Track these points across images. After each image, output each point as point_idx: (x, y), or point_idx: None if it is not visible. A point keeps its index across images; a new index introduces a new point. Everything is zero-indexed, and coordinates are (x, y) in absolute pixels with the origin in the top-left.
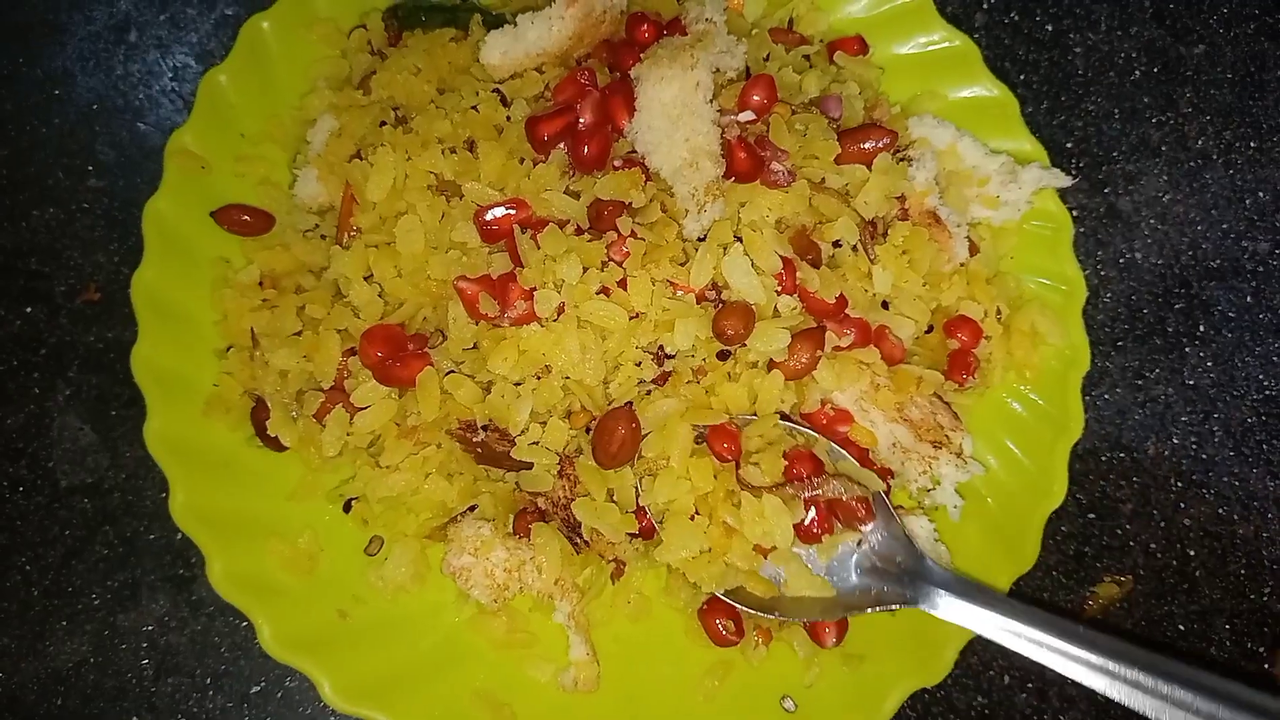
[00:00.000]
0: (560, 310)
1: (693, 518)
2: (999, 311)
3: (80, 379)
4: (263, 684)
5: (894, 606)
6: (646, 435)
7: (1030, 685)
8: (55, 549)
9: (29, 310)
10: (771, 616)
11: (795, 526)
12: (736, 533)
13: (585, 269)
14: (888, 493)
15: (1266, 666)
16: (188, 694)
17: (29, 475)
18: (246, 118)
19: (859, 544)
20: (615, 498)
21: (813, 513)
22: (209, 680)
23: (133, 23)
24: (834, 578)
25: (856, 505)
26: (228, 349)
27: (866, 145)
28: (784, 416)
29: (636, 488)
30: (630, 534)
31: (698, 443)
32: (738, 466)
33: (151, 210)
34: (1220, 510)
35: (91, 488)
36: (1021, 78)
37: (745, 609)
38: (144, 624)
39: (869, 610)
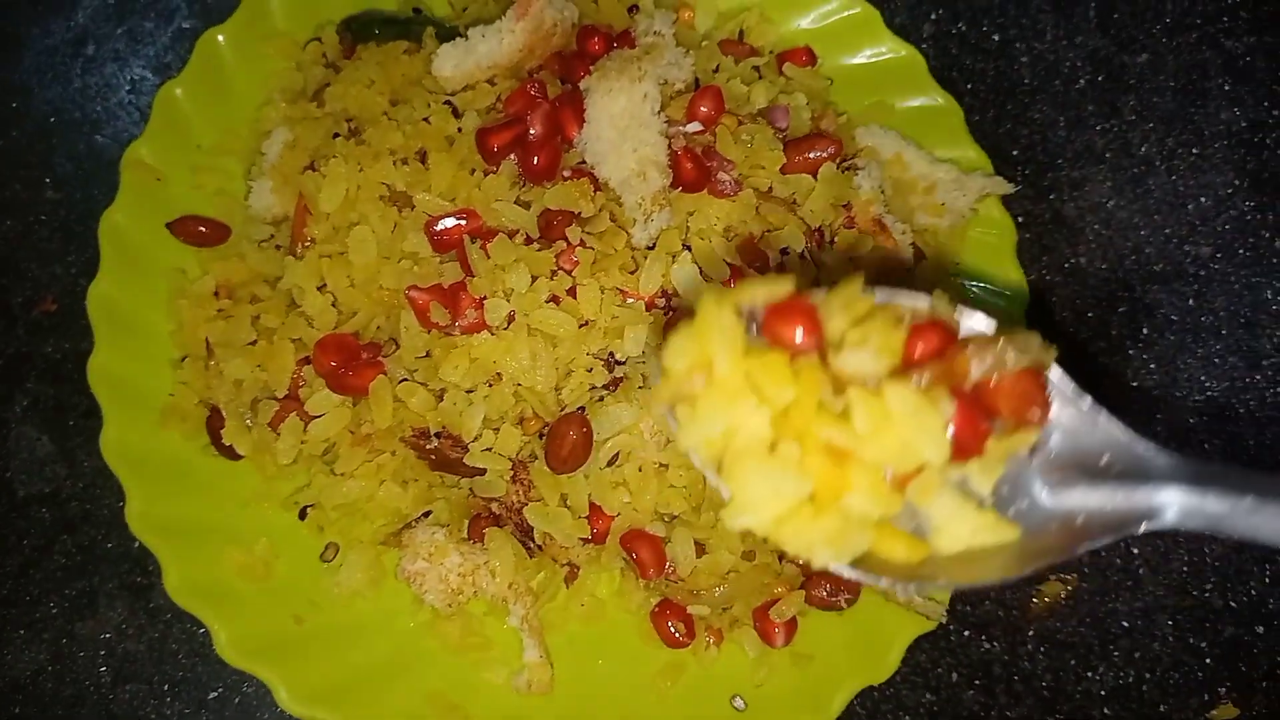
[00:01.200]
0: (510, 318)
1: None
2: None
3: (38, 389)
4: (220, 690)
5: (1114, 537)
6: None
7: (978, 682)
8: (13, 558)
9: None
10: (931, 585)
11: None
12: (851, 458)
13: (535, 278)
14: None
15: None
16: (145, 700)
17: None
18: (203, 130)
19: (1032, 452)
20: (568, 502)
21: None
22: (167, 687)
23: (90, 36)
24: (1010, 510)
25: (1027, 387)
26: (183, 359)
27: (812, 155)
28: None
29: (589, 493)
30: (583, 539)
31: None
32: (824, 359)
33: (108, 222)
34: None
35: (49, 497)
36: (969, 86)
37: (879, 581)
38: (102, 632)
39: (1080, 550)
